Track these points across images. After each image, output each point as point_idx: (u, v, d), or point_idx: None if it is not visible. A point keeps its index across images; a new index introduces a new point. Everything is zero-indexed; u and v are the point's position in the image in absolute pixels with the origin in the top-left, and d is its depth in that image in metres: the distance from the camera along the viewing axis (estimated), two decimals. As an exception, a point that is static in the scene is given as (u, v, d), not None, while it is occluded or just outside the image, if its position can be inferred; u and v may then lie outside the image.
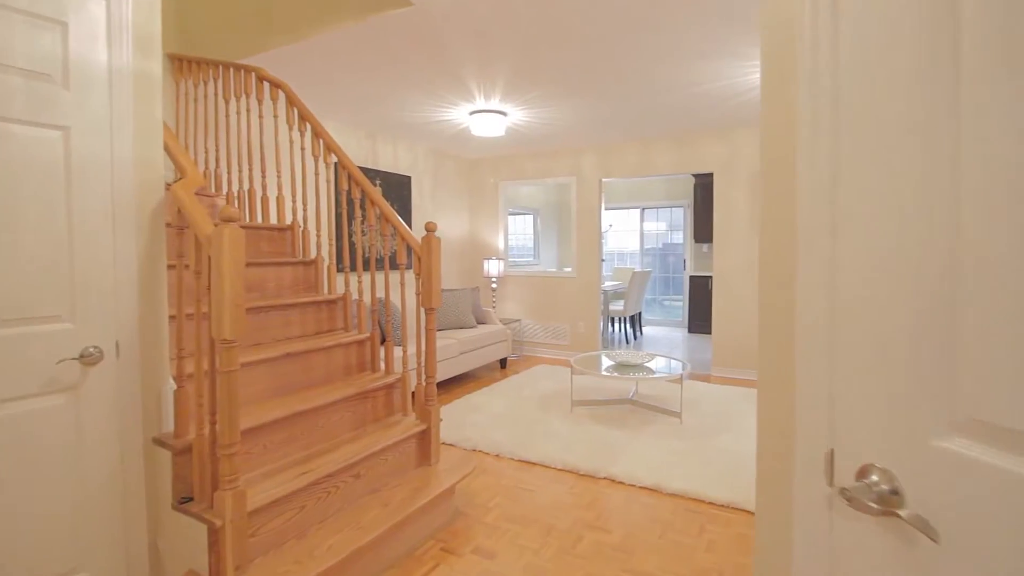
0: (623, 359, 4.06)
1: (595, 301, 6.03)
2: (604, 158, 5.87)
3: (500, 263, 6.25)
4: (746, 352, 5.22)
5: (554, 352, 6.32)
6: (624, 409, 4.10)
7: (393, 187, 5.50)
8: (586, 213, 6.02)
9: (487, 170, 6.64)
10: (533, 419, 3.91)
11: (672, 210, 8.94)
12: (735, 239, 5.24)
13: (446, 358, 4.72)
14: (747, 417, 3.91)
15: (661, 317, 9.10)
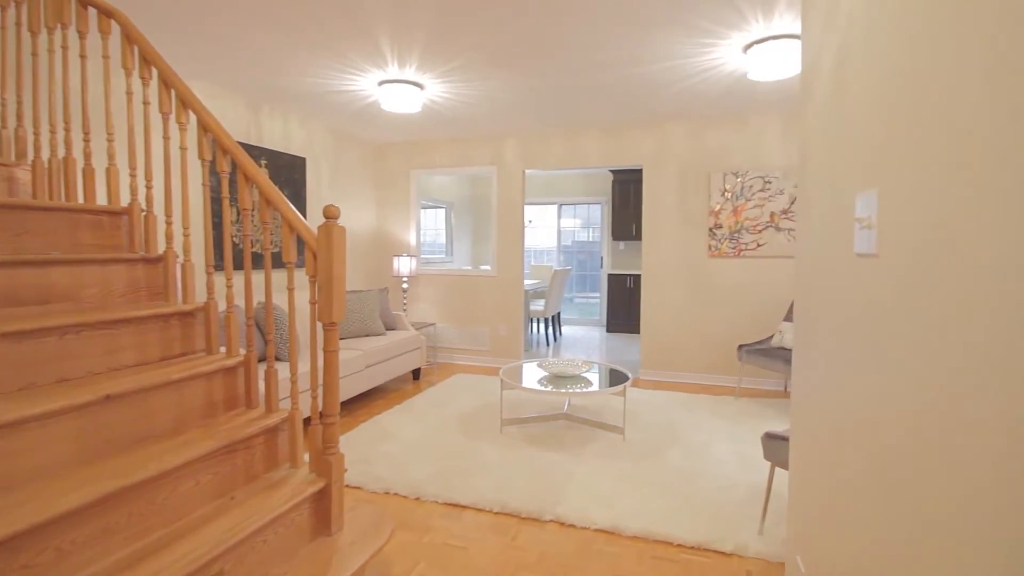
0: (558, 369, 3.60)
1: (518, 302, 5.55)
2: (528, 147, 5.40)
3: (412, 261, 5.57)
4: (675, 354, 5.01)
5: (473, 359, 5.76)
6: (559, 426, 3.65)
7: (282, 169, 4.62)
8: (508, 207, 5.52)
9: (397, 157, 5.92)
10: (458, 446, 3.32)
11: (590, 207, 8.72)
12: (665, 236, 5.00)
13: (350, 373, 3.99)
14: (690, 428, 3.61)
15: (578, 316, 8.87)
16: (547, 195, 8.70)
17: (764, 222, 4.67)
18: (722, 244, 4.79)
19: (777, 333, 4.21)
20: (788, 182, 4.59)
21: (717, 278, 4.85)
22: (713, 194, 4.80)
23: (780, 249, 4.63)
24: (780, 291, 4.67)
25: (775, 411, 4.01)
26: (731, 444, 3.32)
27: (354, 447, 3.31)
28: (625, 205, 7.78)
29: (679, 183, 4.93)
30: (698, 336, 4.93)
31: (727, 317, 4.83)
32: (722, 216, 4.78)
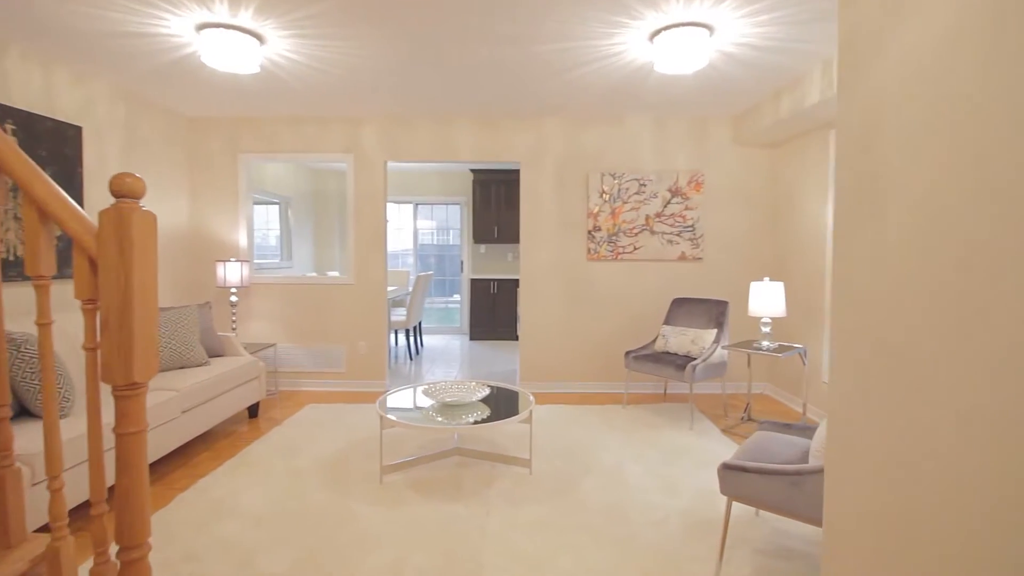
0: (449, 397, 3.01)
1: (381, 314, 4.79)
2: (391, 135, 4.68)
3: (243, 267, 4.47)
4: (556, 363, 4.73)
5: (326, 384, 4.84)
6: (452, 464, 3.05)
7: (43, 140, 3.27)
8: (367, 203, 4.73)
9: (221, 136, 4.72)
10: (326, 511, 2.53)
11: (448, 207, 8.19)
12: (543, 238, 4.68)
13: (160, 423, 2.91)
14: (593, 448, 3.29)
15: (437, 324, 8.29)
16: (402, 193, 7.96)
17: (640, 225, 4.62)
18: (601, 247, 4.64)
19: (660, 337, 4.14)
20: (661, 185, 4.59)
21: (597, 282, 4.68)
22: (591, 195, 4.62)
23: (656, 253, 4.62)
24: (658, 295, 4.66)
25: (665, 418, 3.91)
26: (642, 465, 3.06)
27: (172, 533, 2.33)
28: (487, 206, 7.41)
29: (557, 182, 4.66)
30: (579, 343, 4.71)
31: (608, 322, 4.69)
32: (600, 218, 4.62)
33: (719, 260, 4.64)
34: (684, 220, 4.60)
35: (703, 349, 3.83)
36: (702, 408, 4.20)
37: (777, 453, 2.07)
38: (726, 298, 4.64)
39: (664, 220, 4.61)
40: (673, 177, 4.58)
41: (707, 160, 4.61)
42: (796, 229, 4.24)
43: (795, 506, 1.79)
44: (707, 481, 2.84)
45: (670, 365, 3.72)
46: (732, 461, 1.93)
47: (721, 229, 4.63)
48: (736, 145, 4.60)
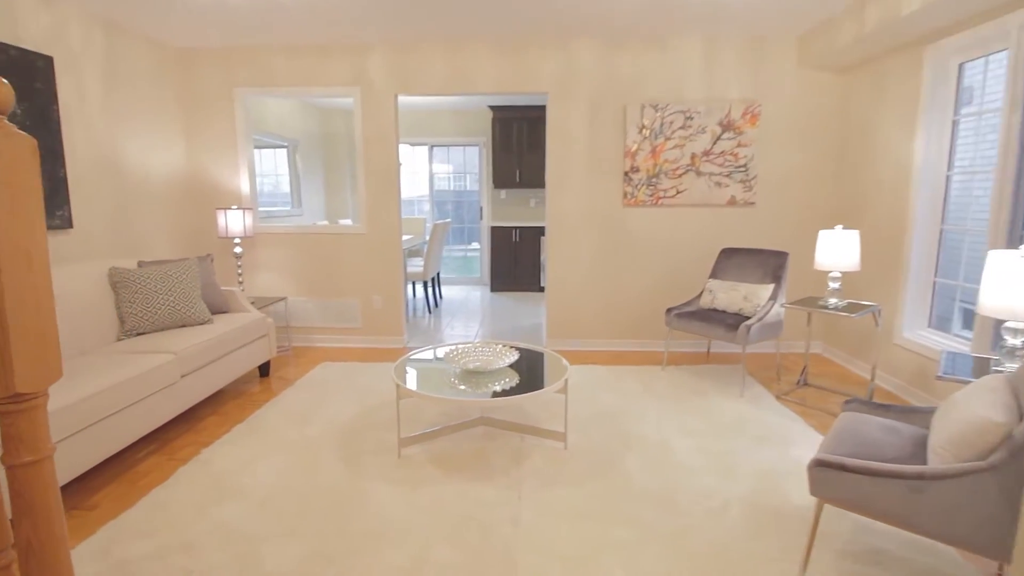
0: (471, 363, 2.67)
1: (396, 265, 4.43)
2: (401, 65, 4.14)
3: (246, 215, 4.10)
4: (586, 319, 4.35)
5: (341, 339, 4.56)
6: (478, 436, 2.75)
7: (9, 71, 2.86)
8: (377, 142, 4.26)
9: (214, 68, 4.24)
10: (339, 492, 2.26)
11: (465, 149, 7.64)
12: (574, 181, 4.20)
13: (155, 390, 2.63)
14: (633, 418, 2.96)
15: (456, 274, 7.93)
16: (416, 134, 7.42)
17: (684, 165, 4.09)
18: (639, 191, 4.14)
19: (706, 292, 3.71)
20: (711, 118, 4.02)
21: (633, 231, 4.22)
22: (629, 131, 4.07)
23: (702, 196, 4.11)
24: (703, 244, 4.19)
25: (711, 382, 3.54)
26: (690, 439, 2.71)
27: (169, 516, 2.08)
28: (507, 148, 6.86)
29: (589, 117, 4.11)
30: (612, 298, 4.31)
31: (645, 275, 4.26)
32: (639, 157, 4.10)
33: (774, 205, 4.11)
34: (736, 159, 4.05)
35: (757, 307, 3.40)
36: (751, 370, 3.82)
37: (880, 445, 1.68)
38: (782, 248, 4.15)
39: (713, 159, 4.06)
40: (724, 108, 4.00)
41: (765, 88, 4.00)
42: (871, 169, 3.67)
43: (915, 518, 1.42)
44: (768, 460, 2.49)
45: (719, 324, 3.31)
46: (828, 457, 1.55)
47: (778, 169, 4.08)
48: (801, 69, 3.97)
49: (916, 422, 1.86)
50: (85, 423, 2.22)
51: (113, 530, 2.01)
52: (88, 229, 3.41)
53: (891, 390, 3.39)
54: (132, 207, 3.79)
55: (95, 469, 2.52)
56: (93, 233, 3.45)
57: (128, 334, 3.09)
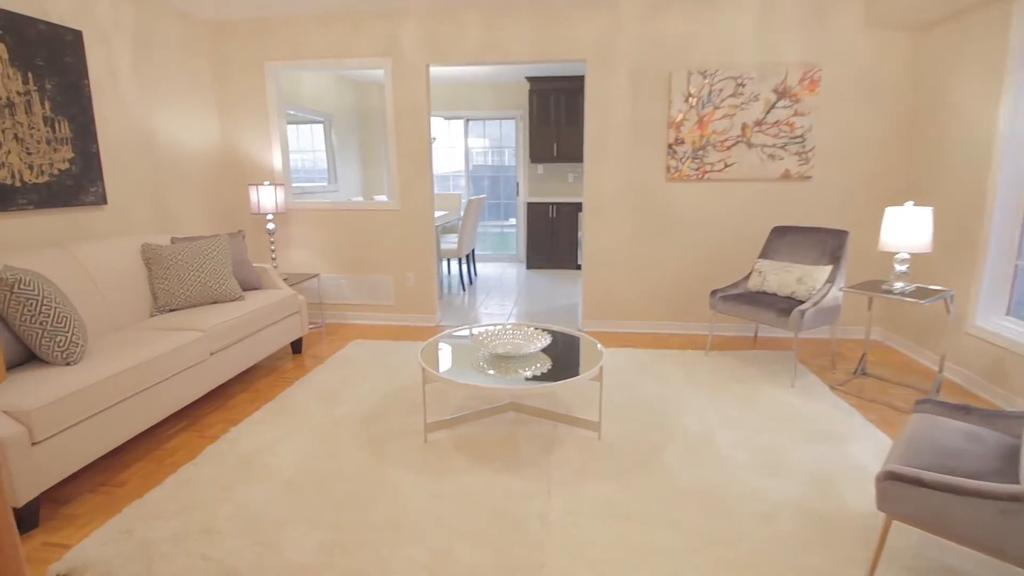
0: (501, 346, 2.54)
1: (428, 242, 4.32)
2: (434, 33, 3.96)
3: (277, 191, 4.06)
4: (624, 299, 4.15)
5: (373, 316, 4.52)
6: (507, 422, 2.64)
7: (38, 47, 2.84)
8: (409, 115, 4.12)
9: (245, 41, 4.17)
10: (362, 477, 2.19)
11: (501, 123, 7.42)
12: (613, 154, 3.96)
13: (184, 368, 2.62)
14: (673, 406, 2.78)
15: (492, 251, 7.80)
16: (451, 108, 7.24)
17: (734, 136, 3.78)
18: (683, 164, 3.87)
19: (755, 274, 3.44)
20: (765, 85, 3.69)
21: (677, 207, 3.96)
22: (675, 99, 3.79)
23: (753, 170, 3.80)
24: (753, 222, 3.90)
25: (759, 369, 3.31)
26: (735, 432, 2.52)
27: (194, 497, 2.06)
28: (545, 121, 6.61)
29: (631, 85, 3.84)
30: (653, 277, 4.09)
31: (688, 254, 4.01)
32: (684, 128, 3.82)
33: (833, 179, 3.77)
34: (792, 129, 3.72)
35: (812, 290, 3.12)
36: (803, 357, 3.55)
37: (962, 456, 1.46)
38: (842, 226, 3.82)
39: (766, 129, 3.74)
40: (780, 74, 3.66)
41: (826, 50, 3.63)
42: (946, 139, 3.29)
43: (1007, 545, 1.21)
44: (821, 459, 2.28)
45: (770, 309, 3.07)
46: (903, 469, 1.35)
47: (839, 140, 3.72)
48: (867, 29, 3.57)
49: (1003, 429, 1.63)
50: (114, 400, 2.22)
51: (138, 509, 2.00)
52: (123, 205, 3.43)
53: (961, 383, 3.08)
54: (167, 183, 3.79)
55: (127, 445, 2.54)
56: (128, 209, 3.47)
57: (161, 310, 3.10)
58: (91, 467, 2.35)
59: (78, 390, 2.07)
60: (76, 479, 2.25)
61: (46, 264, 2.62)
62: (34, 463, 1.90)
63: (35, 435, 1.90)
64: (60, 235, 3.01)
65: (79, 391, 2.07)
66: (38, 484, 1.92)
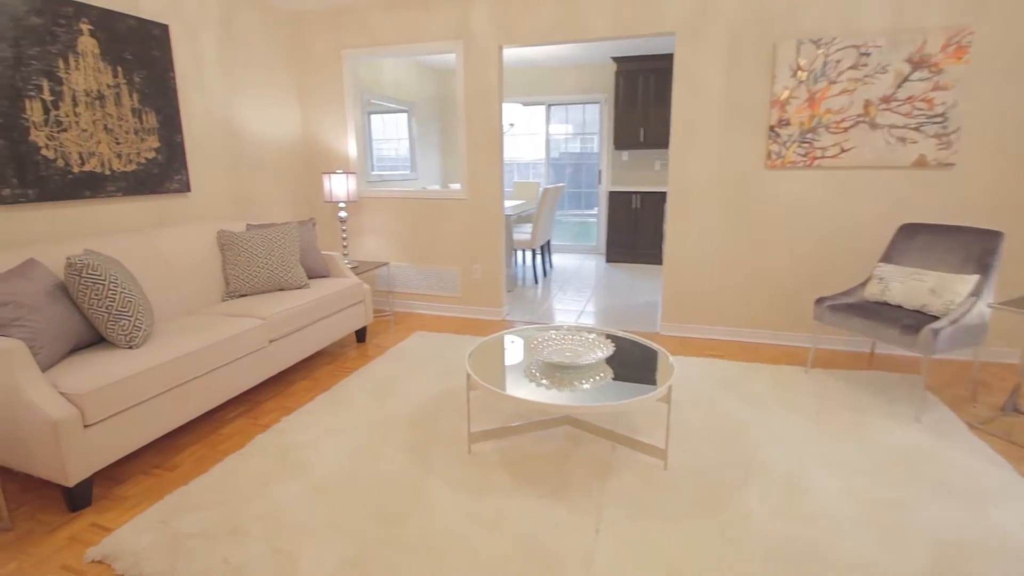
0: (555, 354, 2.28)
1: (496, 233, 4.12)
2: (507, 13, 3.72)
3: (349, 179, 4.05)
4: (711, 301, 3.71)
5: (440, 308, 4.42)
6: (560, 437, 2.38)
7: (126, 42, 2.96)
8: (480, 100, 3.93)
9: (322, 30, 4.19)
10: (398, 486, 2.04)
11: (585, 108, 7.05)
12: (703, 138, 3.51)
13: (244, 354, 2.63)
14: (759, 434, 2.37)
15: (570, 242, 7.49)
16: (532, 92, 6.98)
17: (854, 116, 3.19)
18: (788, 149, 3.34)
19: (875, 280, 2.88)
20: (896, 54, 3.06)
21: (778, 198, 3.44)
22: (780, 74, 3.26)
23: (876, 156, 3.19)
24: (874, 218, 3.29)
25: (874, 395, 2.77)
26: (838, 476, 2.08)
27: (231, 491, 2.02)
28: (632, 104, 6.15)
29: (728, 59, 3.37)
30: (745, 278, 3.60)
31: (789, 253, 3.48)
32: (791, 108, 3.28)
33: (985, 168, 3.07)
34: (929, 106, 3.06)
35: (950, 304, 2.53)
36: (934, 385, 2.93)
37: None
38: (993, 226, 3.11)
39: (896, 107, 3.12)
40: (917, 40, 3.02)
41: (983, 8, 2.93)
42: None
43: None
44: (954, 524, 1.79)
45: (893, 324, 2.53)
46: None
47: (992, 120, 3.01)
48: (1046, -26, 2.83)
49: None
50: (168, 385, 2.24)
51: (180, 497, 2.00)
52: (206, 192, 3.55)
53: None
54: (249, 171, 3.90)
55: (186, 425, 2.60)
56: (210, 196, 3.59)
57: (231, 295, 3.17)
58: (149, 447, 2.41)
59: (131, 375, 2.09)
60: (133, 458, 2.32)
61: (125, 249, 2.73)
62: (86, 445, 1.94)
63: (87, 418, 1.94)
64: (146, 221, 3.16)
65: (132, 376, 2.09)
66: (90, 465, 1.96)
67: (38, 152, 2.57)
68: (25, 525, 1.90)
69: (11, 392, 1.87)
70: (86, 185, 2.80)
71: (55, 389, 1.93)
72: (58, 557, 1.75)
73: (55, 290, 2.18)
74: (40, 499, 2.04)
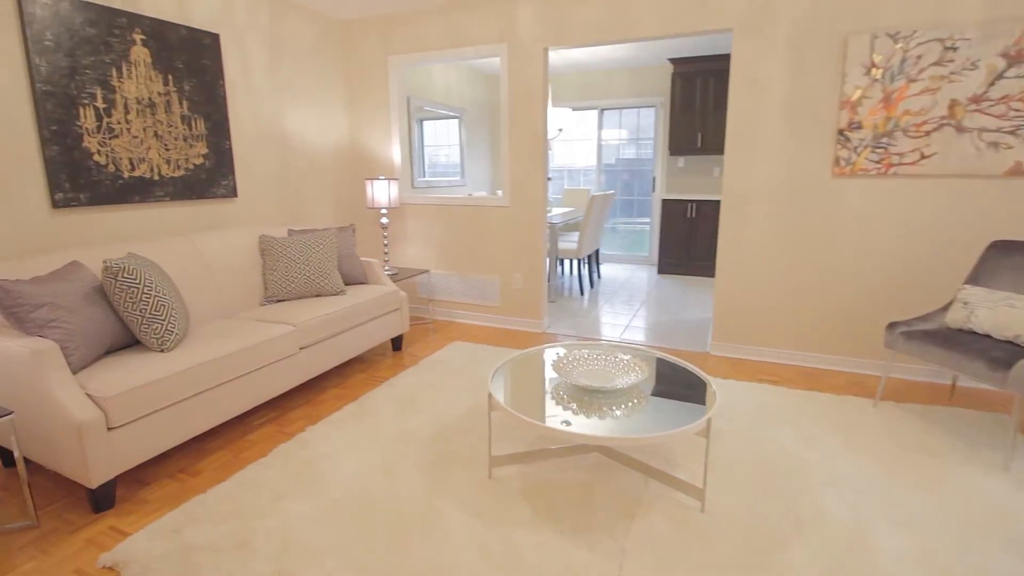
0: (584, 376, 2.11)
1: (538, 242, 3.99)
2: (552, 13, 3.59)
3: (391, 185, 4.03)
4: (767, 320, 3.41)
5: (479, 317, 4.33)
6: (588, 466, 2.20)
7: (177, 51, 3.06)
8: (523, 104, 3.81)
9: (371, 37, 4.22)
10: (411, 508, 1.94)
11: (640, 112, 6.79)
12: (761, 142, 3.23)
13: (272, 361, 2.62)
14: (814, 475, 2.10)
15: (621, 251, 7.23)
16: (585, 97, 6.80)
17: (937, 118, 2.84)
18: (859, 155, 3.01)
19: (958, 305, 2.52)
20: (988, 47, 2.69)
21: (845, 209, 3.11)
22: (851, 72, 2.95)
23: (963, 163, 2.82)
24: (958, 234, 2.91)
25: (953, 436, 2.42)
26: (905, 532, 1.80)
27: (245, 503, 1.98)
28: (689, 108, 5.86)
29: (791, 55, 3.09)
30: (806, 297, 3.29)
31: (858, 271, 3.14)
32: (863, 109, 2.96)
33: (1100, 175, 2.64)
34: (1032, 104, 2.67)
35: (1053, 335, 2.17)
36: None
37: None
38: (1103, 242, 2.67)
39: (987, 108, 2.74)
40: (1015, 31, 2.64)
41: (1105, -12, 2.52)
42: None
43: None
44: (1057, 604, 1.49)
45: (979, 356, 2.19)
46: None
47: (1115, 118, 2.58)
48: None
49: None
50: (195, 390, 2.24)
51: (197, 506, 1.98)
52: (252, 198, 3.62)
53: None
54: (296, 177, 3.96)
55: (215, 429, 2.61)
56: (257, 202, 3.66)
57: (269, 300, 3.20)
58: (177, 449, 2.43)
59: (156, 380, 2.10)
60: (160, 460, 2.34)
61: (168, 252, 2.79)
62: (110, 448, 1.96)
63: (111, 421, 1.95)
64: (192, 226, 3.24)
65: (157, 380, 2.10)
66: (113, 468, 1.97)
67: (90, 158, 2.67)
68: (50, 524, 1.94)
69: (42, 392, 1.92)
70: (135, 190, 2.90)
71: (83, 391, 1.96)
72: (73, 560, 1.75)
73: (93, 293, 2.24)
74: (69, 497, 2.09)
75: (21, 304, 1.99)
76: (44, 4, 2.43)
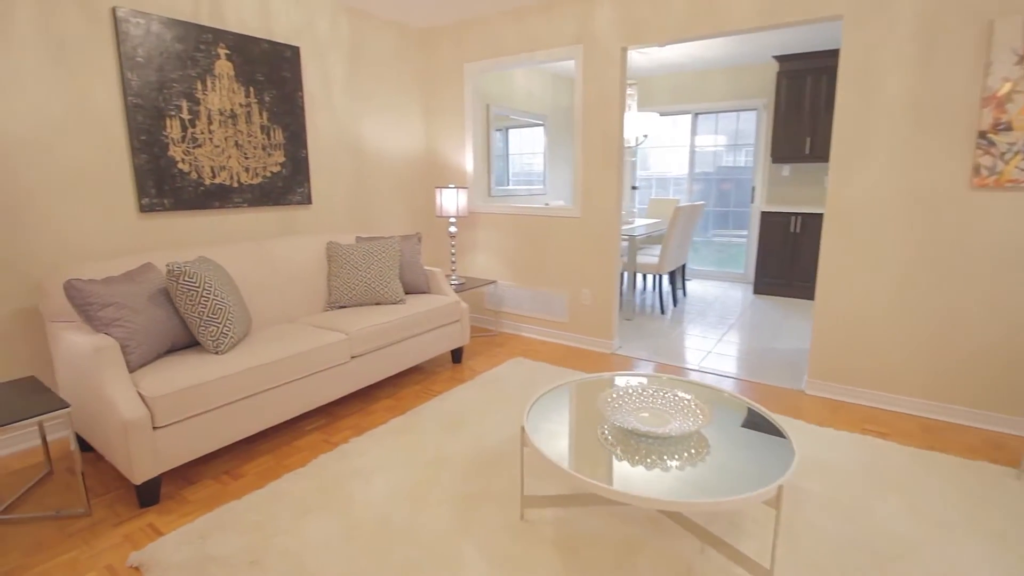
0: (634, 419, 1.84)
1: (612, 255, 3.71)
2: (628, 11, 3.33)
3: (460, 194, 3.96)
4: (878, 359, 2.87)
5: (545, 332, 4.12)
6: (634, 520, 1.92)
7: (259, 64, 3.19)
8: (598, 108, 3.57)
9: (448, 45, 4.19)
10: (429, 548, 1.79)
11: (739, 115, 6.23)
12: (878, 145, 2.73)
13: (319, 370, 2.61)
14: (924, 563, 1.66)
15: (713, 267, 6.66)
16: (677, 101, 6.37)
17: None
18: (1006, 163, 2.43)
19: None
20: None
21: (987, 226, 2.53)
22: (997, 61, 2.40)
23: None
24: None
25: None
26: (1055, 663, 1.34)
27: (269, 515, 1.95)
28: (796, 110, 5.26)
29: (916, 45, 2.57)
30: (934, 334, 2.72)
31: (1002, 306, 2.54)
32: (1013, 107, 2.39)
33: None
34: None
35: None
36: None
37: None
38: None
39: None
40: None
41: None
42: None
43: None
44: None
45: None
46: None
47: None
48: None
49: None
50: (242, 394, 2.27)
51: (227, 513, 1.98)
52: (326, 205, 3.72)
53: None
54: (371, 185, 4.02)
55: (265, 432, 2.65)
56: (331, 209, 3.75)
57: (332, 306, 3.23)
58: (225, 449, 2.48)
59: (204, 382, 2.15)
60: (208, 460, 2.39)
61: (237, 257, 2.90)
62: (155, 446, 2.01)
63: (157, 420, 2.01)
64: (267, 231, 3.37)
65: (204, 383, 2.14)
66: (157, 466, 2.03)
67: (175, 166, 2.84)
68: (100, 514, 2.02)
69: (98, 386, 2.01)
70: (215, 196, 3.05)
71: (135, 389, 2.03)
72: (108, 554, 1.80)
73: (159, 294, 2.34)
74: (122, 489, 2.18)
75: (90, 303, 2.11)
76: (137, 23, 2.62)
